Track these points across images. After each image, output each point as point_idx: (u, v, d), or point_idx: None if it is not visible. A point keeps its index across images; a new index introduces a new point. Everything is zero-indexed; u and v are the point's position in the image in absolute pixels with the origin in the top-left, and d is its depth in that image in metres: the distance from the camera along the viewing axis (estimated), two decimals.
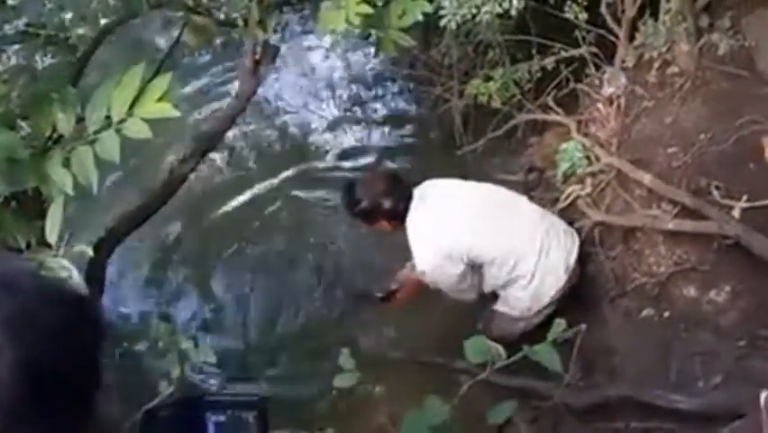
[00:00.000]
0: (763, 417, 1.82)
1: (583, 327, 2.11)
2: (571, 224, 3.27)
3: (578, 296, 3.10)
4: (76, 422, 0.67)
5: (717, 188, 2.89)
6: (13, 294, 0.64)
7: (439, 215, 2.85)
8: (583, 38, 3.52)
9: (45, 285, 0.70)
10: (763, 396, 1.82)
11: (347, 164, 4.38)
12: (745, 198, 2.79)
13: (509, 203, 2.99)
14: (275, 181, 4.20)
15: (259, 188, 4.18)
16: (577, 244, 2.98)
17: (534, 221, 2.90)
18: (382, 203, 2.84)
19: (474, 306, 3.10)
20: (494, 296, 3.01)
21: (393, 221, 2.87)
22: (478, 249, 2.79)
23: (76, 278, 1.78)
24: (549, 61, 3.73)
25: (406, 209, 2.84)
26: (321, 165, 4.42)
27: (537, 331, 2.73)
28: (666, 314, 2.94)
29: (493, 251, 2.80)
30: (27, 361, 0.62)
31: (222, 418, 0.94)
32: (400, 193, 2.87)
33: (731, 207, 2.81)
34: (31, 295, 0.66)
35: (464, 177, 3.15)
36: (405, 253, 2.96)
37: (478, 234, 2.81)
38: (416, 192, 2.89)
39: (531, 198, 3.41)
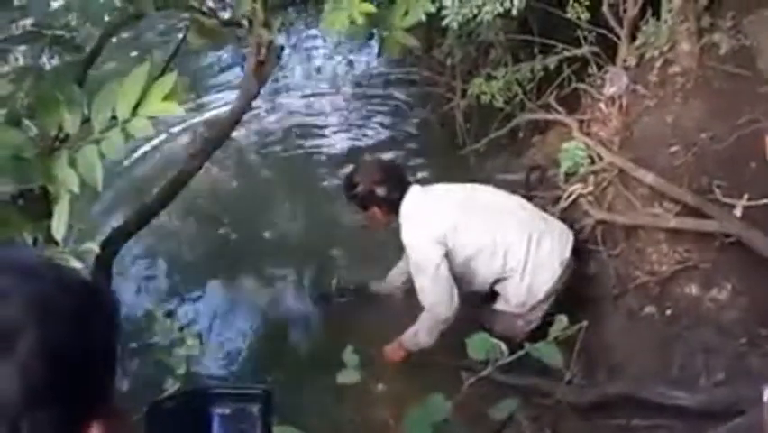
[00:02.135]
0: (766, 413, 1.83)
1: (585, 324, 2.12)
2: (573, 223, 3.29)
3: (580, 294, 3.12)
4: (90, 408, 0.68)
5: (719, 186, 2.91)
6: (33, 280, 0.66)
7: (433, 198, 2.92)
8: (585, 38, 3.54)
9: (62, 273, 0.72)
10: (766, 392, 1.82)
11: (350, 163, 4.39)
12: (746, 196, 2.81)
13: (503, 199, 3.02)
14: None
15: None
16: (571, 241, 2.98)
17: (526, 217, 2.93)
18: (377, 189, 2.89)
19: (475, 307, 3.13)
20: (494, 295, 3.02)
21: (386, 209, 2.92)
22: (465, 230, 2.81)
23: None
24: (551, 61, 3.75)
25: (400, 200, 2.88)
26: (324, 164, 4.45)
27: (539, 329, 2.75)
28: (668, 312, 2.96)
29: (480, 236, 2.83)
30: (47, 343, 0.63)
31: (226, 410, 0.95)
32: (396, 183, 2.93)
33: (732, 206, 2.83)
34: (50, 281, 0.68)
35: (467, 175, 3.17)
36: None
37: (467, 214, 2.85)
38: (417, 187, 2.95)
39: (532, 197, 3.43)
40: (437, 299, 2.84)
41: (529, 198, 3.52)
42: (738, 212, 2.81)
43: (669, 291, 2.99)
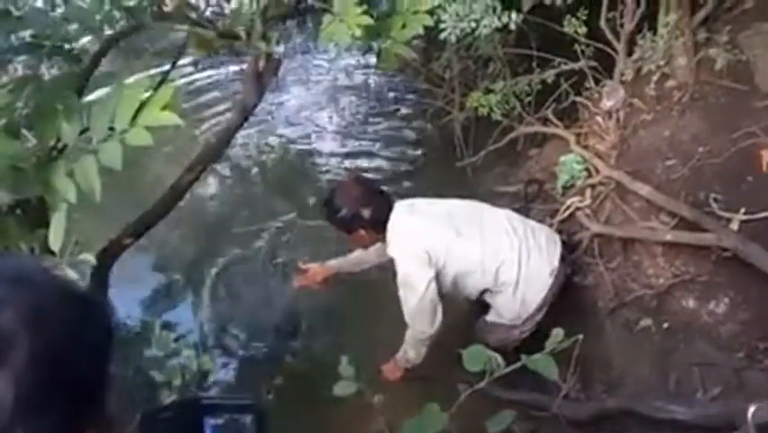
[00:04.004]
0: (750, 431, 1.83)
1: (580, 336, 2.12)
2: (570, 236, 3.30)
3: (576, 307, 3.12)
4: (84, 417, 0.68)
5: (716, 200, 2.92)
6: (30, 289, 0.67)
7: (421, 216, 2.86)
8: (582, 52, 3.56)
9: (59, 283, 0.73)
10: (750, 411, 1.82)
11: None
12: (743, 210, 2.81)
13: (491, 214, 2.98)
14: None
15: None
16: (559, 248, 2.95)
17: (514, 230, 2.89)
18: (362, 211, 2.81)
19: (470, 318, 3.12)
20: (486, 307, 3.02)
21: (372, 230, 2.86)
22: (455, 249, 2.78)
23: None
24: (549, 75, 3.78)
25: (386, 219, 2.83)
26: (321, 177, 4.46)
27: (536, 342, 2.74)
28: (665, 325, 2.95)
29: (470, 254, 2.80)
30: (41, 353, 0.64)
31: (219, 421, 0.95)
32: (380, 202, 2.86)
33: (729, 219, 2.83)
34: (47, 291, 0.69)
35: (464, 188, 3.15)
36: None
37: (456, 233, 2.81)
38: (403, 202, 2.91)
39: (530, 210, 3.42)
40: (421, 317, 2.82)
41: (527, 211, 3.53)
42: (735, 226, 2.81)
43: (666, 305, 2.99)
